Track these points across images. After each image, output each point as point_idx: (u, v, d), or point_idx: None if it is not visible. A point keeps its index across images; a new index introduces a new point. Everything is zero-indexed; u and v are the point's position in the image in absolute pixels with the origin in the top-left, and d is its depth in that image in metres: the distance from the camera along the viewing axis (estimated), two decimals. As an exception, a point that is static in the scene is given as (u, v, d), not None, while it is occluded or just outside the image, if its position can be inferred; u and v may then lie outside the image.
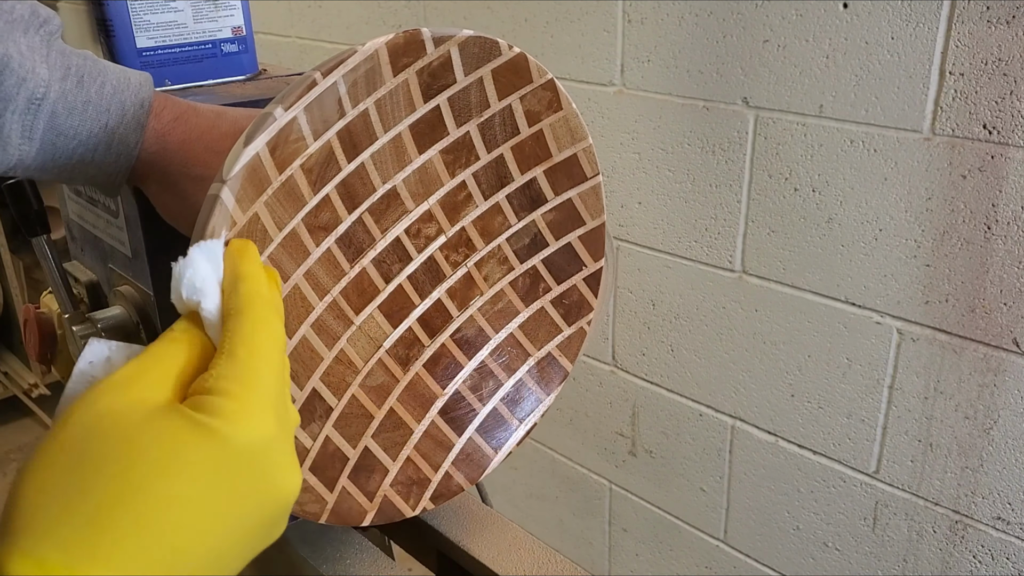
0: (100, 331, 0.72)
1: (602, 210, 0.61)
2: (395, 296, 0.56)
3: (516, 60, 0.54)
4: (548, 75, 0.56)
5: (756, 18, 1.05)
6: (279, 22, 1.82)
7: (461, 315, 0.59)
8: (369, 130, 0.51)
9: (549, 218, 0.60)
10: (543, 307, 0.61)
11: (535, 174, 0.58)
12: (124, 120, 0.55)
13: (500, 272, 0.59)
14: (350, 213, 0.52)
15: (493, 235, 0.58)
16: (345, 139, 0.50)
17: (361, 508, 0.56)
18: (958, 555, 1.06)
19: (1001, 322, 0.95)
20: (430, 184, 0.55)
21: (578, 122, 0.58)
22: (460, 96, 0.54)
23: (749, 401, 1.22)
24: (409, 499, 0.58)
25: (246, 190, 0.45)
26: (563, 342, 0.63)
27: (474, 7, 1.39)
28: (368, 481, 0.56)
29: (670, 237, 1.24)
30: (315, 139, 0.48)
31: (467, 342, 0.59)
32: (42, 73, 0.51)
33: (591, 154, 0.59)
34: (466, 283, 0.58)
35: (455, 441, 0.60)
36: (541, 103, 0.57)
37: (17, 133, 0.51)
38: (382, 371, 0.56)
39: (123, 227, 0.71)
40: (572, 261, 0.62)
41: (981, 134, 0.91)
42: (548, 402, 0.63)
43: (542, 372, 0.62)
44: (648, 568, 1.48)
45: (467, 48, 0.52)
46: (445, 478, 0.59)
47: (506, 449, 0.62)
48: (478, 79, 0.54)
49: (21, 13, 0.51)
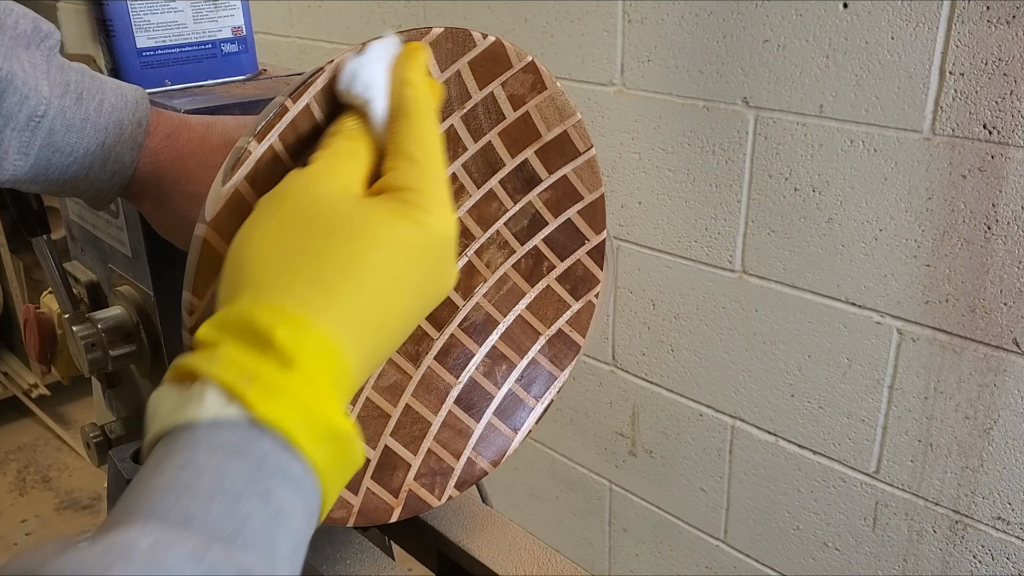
0: (100, 331, 0.72)
1: (599, 183, 0.61)
2: None
3: (492, 49, 0.54)
4: (528, 57, 0.56)
5: (756, 18, 1.05)
6: (279, 22, 1.82)
7: (467, 304, 0.59)
8: None
9: (546, 197, 0.60)
10: (549, 285, 0.62)
11: (526, 156, 0.58)
12: (121, 139, 0.54)
13: (502, 256, 0.60)
14: None
15: (490, 221, 0.59)
16: None
17: (387, 505, 0.57)
18: (958, 555, 1.06)
19: (1001, 322, 0.95)
20: None
21: (564, 99, 0.58)
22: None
23: (749, 401, 1.22)
24: (434, 490, 0.59)
25: (231, 226, 0.45)
26: (572, 317, 0.63)
27: (474, 7, 1.39)
28: (392, 478, 0.57)
29: (670, 237, 1.24)
30: (295, 161, 0.48)
31: (476, 329, 0.60)
32: (43, 90, 0.50)
33: (582, 128, 0.60)
34: (468, 272, 0.59)
35: (474, 427, 0.60)
36: (524, 86, 0.57)
37: (15, 149, 0.51)
38: (393, 370, 0.57)
39: (123, 227, 0.71)
40: (573, 236, 0.62)
41: (981, 134, 0.91)
42: (563, 378, 0.63)
43: (554, 349, 0.63)
44: (648, 568, 1.48)
45: (440, 46, 0.52)
46: (468, 464, 0.60)
47: (525, 429, 0.62)
48: (455, 73, 0.54)
49: (24, 28, 0.51)
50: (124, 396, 0.84)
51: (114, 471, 0.66)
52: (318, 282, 0.34)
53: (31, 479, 2.29)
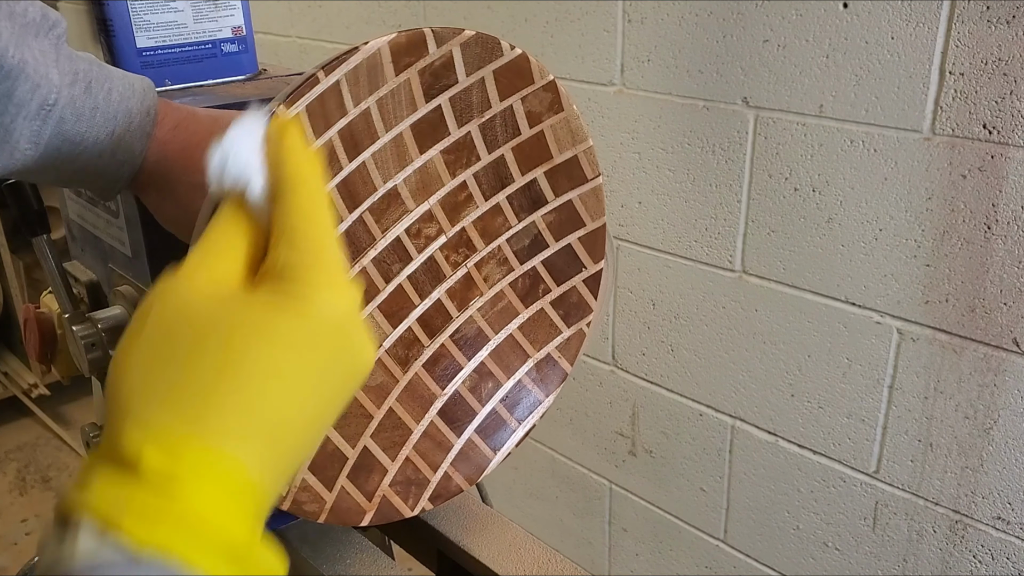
0: (100, 331, 0.72)
1: (603, 212, 0.61)
2: (395, 296, 0.56)
3: (518, 61, 0.54)
4: (550, 76, 0.56)
5: (756, 18, 1.05)
6: (279, 22, 1.82)
7: (461, 315, 0.59)
8: (371, 129, 0.51)
9: (549, 219, 0.60)
10: (543, 308, 0.61)
11: (536, 175, 0.58)
12: (131, 128, 0.54)
13: (500, 273, 0.59)
14: (351, 212, 0.52)
15: (493, 236, 0.58)
16: (347, 138, 0.50)
17: (360, 508, 0.56)
18: (958, 555, 1.06)
19: (1001, 322, 0.95)
20: (431, 184, 0.55)
21: (579, 123, 0.58)
22: (462, 96, 0.54)
23: (749, 401, 1.22)
24: (408, 499, 0.58)
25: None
26: (562, 343, 0.63)
27: (474, 7, 1.39)
28: (367, 481, 0.56)
29: (670, 237, 1.24)
30: (317, 137, 0.48)
31: (467, 342, 0.59)
32: (54, 79, 0.50)
33: (592, 155, 0.59)
34: (466, 283, 0.58)
35: (454, 442, 0.60)
36: (542, 104, 0.57)
37: (25, 138, 0.50)
38: (381, 371, 0.56)
39: (123, 227, 0.71)
40: (572, 263, 0.62)
41: (981, 134, 0.91)
42: (547, 403, 0.63)
43: (541, 373, 0.62)
44: (648, 568, 1.48)
45: (469, 48, 0.52)
46: (444, 479, 0.59)
47: (505, 450, 0.62)
48: (480, 79, 0.54)
49: (33, 16, 0.50)
50: (124, 396, 0.84)
51: (114, 471, 0.65)
52: (193, 393, 0.31)
53: (31, 479, 2.29)
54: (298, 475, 0.53)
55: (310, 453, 0.37)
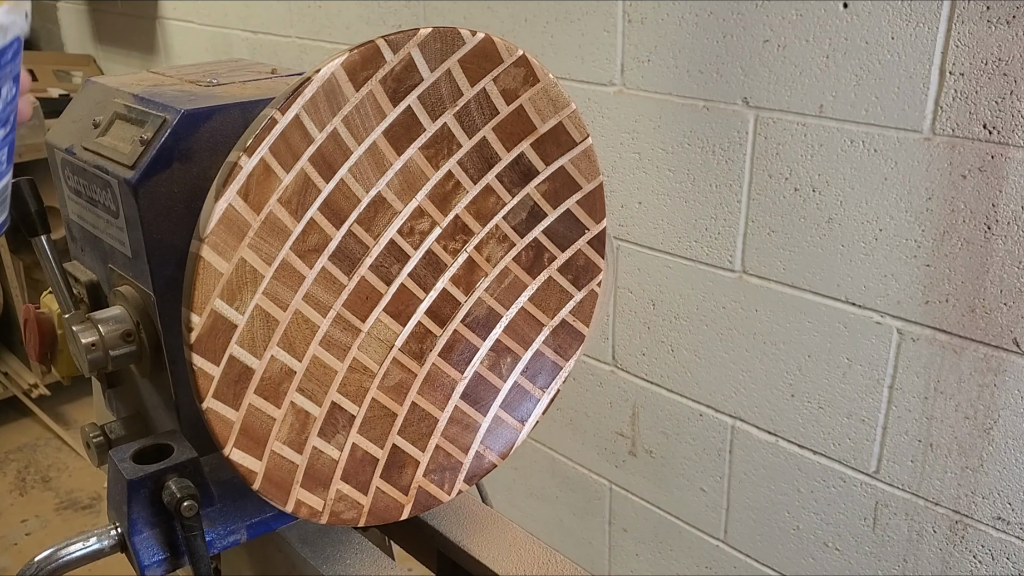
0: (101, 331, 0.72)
1: (597, 172, 0.62)
2: (399, 296, 0.56)
3: (482, 45, 0.55)
4: (519, 52, 0.56)
5: (756, 18, 1.05)
6: (279, 22, 1.82)
7: (469, 299, 0.60)
8: (342, 147, 0.52)
9: (544, 188, 0.60)
10: (551, 276, 0.62)
11: (522, 149, 0.59)
12: None
13: (502, 250, 0.60)
14: (338, 229, 0.53)
15: (489, 216, 0.59)
16: (319, 162, 0.51)
17: (397, 503, 0.57)
18: (958, 555, 1.06)
19: (1001, 322, 0.95)
20: (415, 181, 0.56)
21: (558, 91, 0.59)
22: (430, 92, 0.54)
23: (749, 401, 1.22)
24: (443, 485, 0.60)
25: (227, 241, 0.45)
26: (576, 307, 0.64)
27: (474, 7, 1.39)
28: (400, 476, 0.58)
29: (670, 237, 1.24)
30: (287, 171, 0.49)
31: (479, 324, 0.60)
32: None
33: (577, 118, 0.60)
34: (468, 268, 0.59)
35: (481, 421, 0.61)
36: (516, 80, 0.57)
37: None
38: (398, 369, 0.57)
39: (123, 227, 0.71)
40: (573, 226, 0.62)
41: (981, 134, 0.91)
42: (568, 368, 0.64)
43: (558, 340, 0.63)
44: (648, 568, 1.48)
45: (428, 45, 0.53)
46: (477, 458, 0.61)
47: (532, 420, 0.63)
48: (446, 72, 0.54)
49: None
50: (124, 396, 0.84)
51: (114, 471, 0.65)
52: None
53: (31, 479, 2.29)
54: (331, 487, 0.54)
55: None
